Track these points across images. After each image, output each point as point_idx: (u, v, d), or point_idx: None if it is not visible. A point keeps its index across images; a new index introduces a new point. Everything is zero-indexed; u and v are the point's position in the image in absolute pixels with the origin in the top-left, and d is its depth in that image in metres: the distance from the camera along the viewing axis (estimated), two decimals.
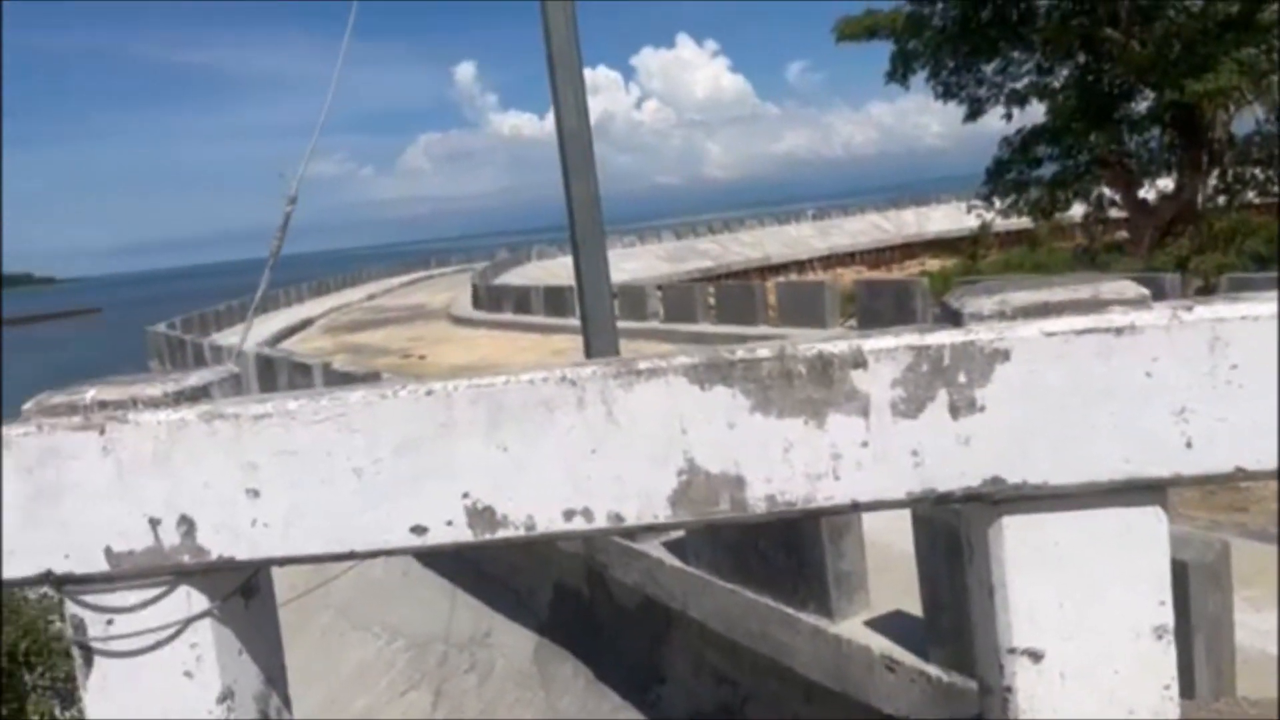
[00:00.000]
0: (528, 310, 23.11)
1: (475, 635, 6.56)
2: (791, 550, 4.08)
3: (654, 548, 5.16)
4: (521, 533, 1.65)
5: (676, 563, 4.92)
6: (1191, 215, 24.36)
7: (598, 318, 6.15)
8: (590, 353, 6.16)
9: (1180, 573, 2.59)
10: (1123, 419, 1.48)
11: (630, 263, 41.87)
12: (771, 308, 16.99)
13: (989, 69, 27.13)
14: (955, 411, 1.52)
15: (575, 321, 8.12)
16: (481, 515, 1.65)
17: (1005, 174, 26.23)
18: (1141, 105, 23.86)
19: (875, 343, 1.55)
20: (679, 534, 5.11)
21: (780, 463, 1.59)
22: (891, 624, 3.92)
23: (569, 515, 1.64)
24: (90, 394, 1.73)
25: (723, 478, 1.61)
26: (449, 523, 1.64)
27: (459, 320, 25.45)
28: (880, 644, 3.79)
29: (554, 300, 21.94)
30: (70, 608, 1.81)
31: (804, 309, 15.54)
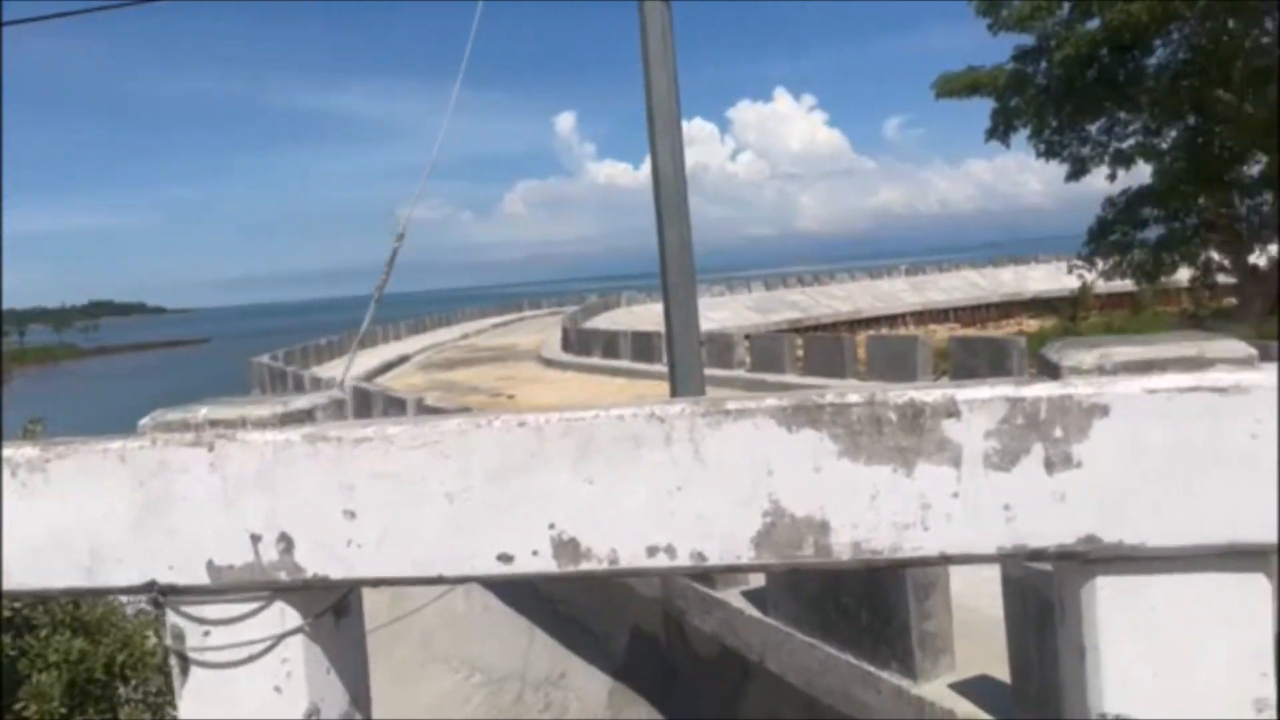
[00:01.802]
0: (616, 354, 23.29)
1: (551, 675, 6.56)
2: (875, 607, 4.00)
3: (734, 597, 5.10)
4: (604, 566, 1.67)
5: (756, 613, 4.86)
6: None
7: (685, 363, 6.17)
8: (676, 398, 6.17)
9: None
10: (1226, 481, 1.43)
11: (718, 312, 41.93)
12: (861, 361, 16.80)
13: (1094, 129, 26.60)
14: (1050, 466, 1.49)
15: (662, 367, 8.14)
16: (566, 546, 1.67)
17: (1108, 235, 25.60)
18: (1254, 169, 23.09)
19: (969, 393, 1.53)
20: (759, 584, 5.06)
21: (867, 510, 1.58)
22: (977, 688, 3.79)
23: (652, 551, 1.65)
24: (203, 412, 1.81)
25: (808, 522, 1.60)
26: (535, 552, 1.67)
27: (548, 362, 25.77)
28: (965, 708, 3.68)
29: (642, 345, 22.07)
30: (171, 617, 1.88)
31: (895, 364, 15.33)
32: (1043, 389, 1.49)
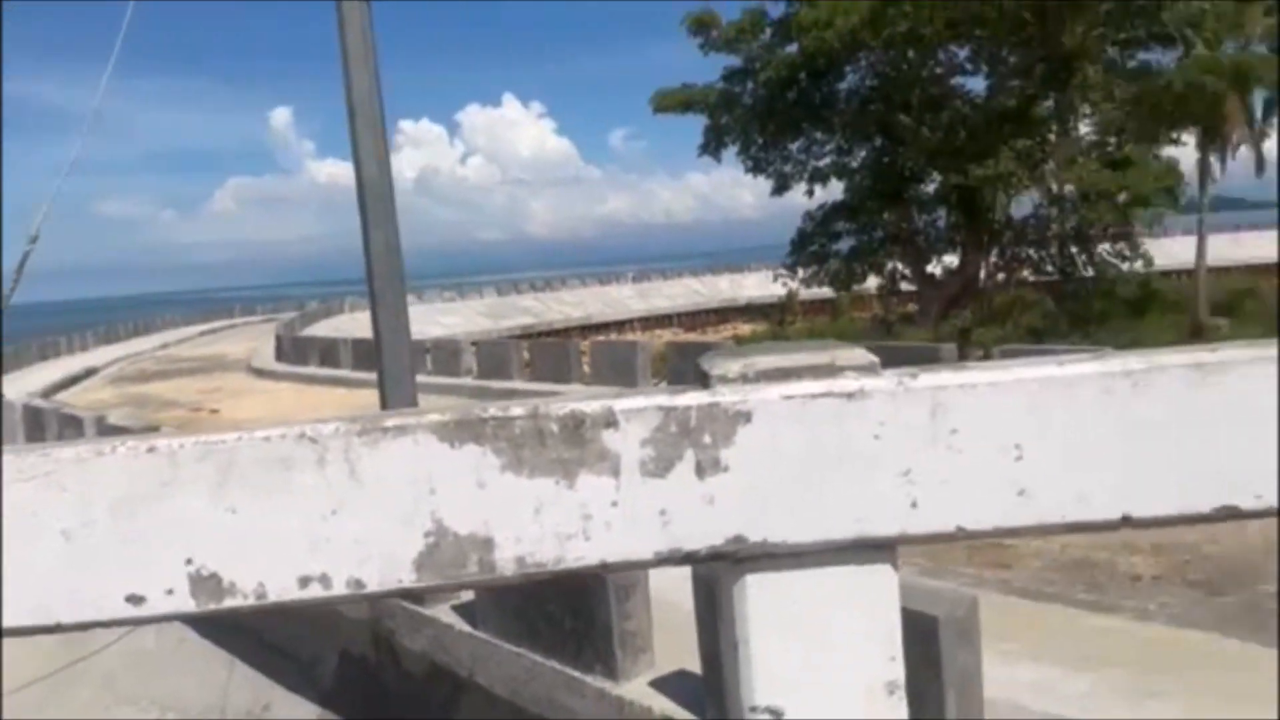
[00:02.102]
0: (335, 363, 22.35)
1: (253, 709, 6.15)
2: (579, 612, 4.05)
3: (443, 612, 5.00)
4: (251, 601, 1.54)
5: (465, 627, 4.79)
6: (974, 290, 26.35)
7: (395, 372, 5.99)
8: (386, 408, 5.97)
9: (930, 627, 2.72)
10: (854, 480, 1.52)
11: (449, 318, 41.39)
12: (587, 365, 17.12)
13: (794, 147, 28.61)
14: (701, 471, 1.53)
15: None
16: (206, 583, 1.52)
17: (808, 246, 27.63)
18: (930, 187, 25.75)
19: (626, 402, 1.55)
20: (470, 598, 4.99)
21: (531, 523, 1.56)
22: (674, 684, 3.94)
23: (304, 582, 1.54)
24: None
25: (471, 539, 1.56)
26: (169, 591, 1.51)
27: (260, 372, 24.32)
28: (662, 704, 3.80)
29: (362, 353, 21.29)
30: None
31: (618, 369, 15.74)
32: (693, 397, 1.53)
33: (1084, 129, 25.55)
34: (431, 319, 36.73)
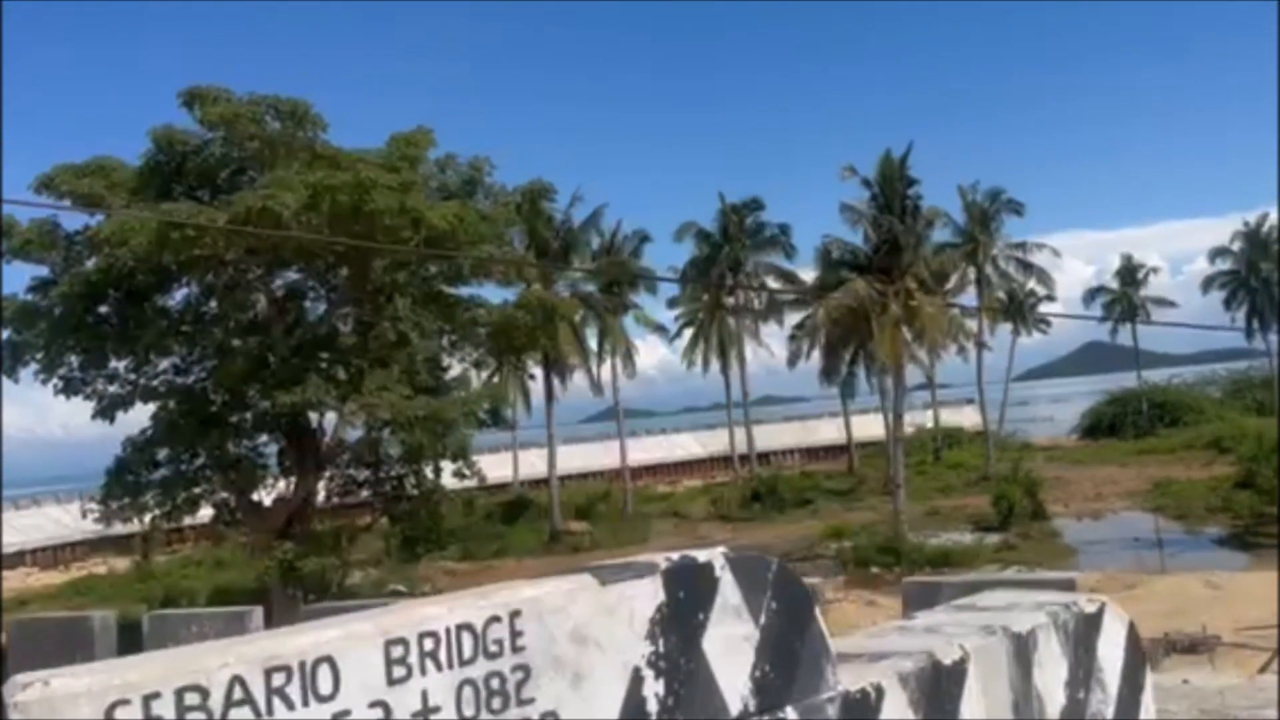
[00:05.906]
0: None
1: None
2: None
3: None
4: None
5: None
6: (307, 517, 25.41)
7: None
8: None
9: None
10: None
11: None
12: None
13: (123, 366, 25.99)
14: None
15: None
16: None
17: (126, 475, 24.83)
18: (250, 413, 24.74)
19: None
20: None
21: None
22: None
23: None
24: None
25: None
26: None
27: None
28: None
29: None
30: None
31: None
32: None
33: (413, 357, 26.50)
34: None
